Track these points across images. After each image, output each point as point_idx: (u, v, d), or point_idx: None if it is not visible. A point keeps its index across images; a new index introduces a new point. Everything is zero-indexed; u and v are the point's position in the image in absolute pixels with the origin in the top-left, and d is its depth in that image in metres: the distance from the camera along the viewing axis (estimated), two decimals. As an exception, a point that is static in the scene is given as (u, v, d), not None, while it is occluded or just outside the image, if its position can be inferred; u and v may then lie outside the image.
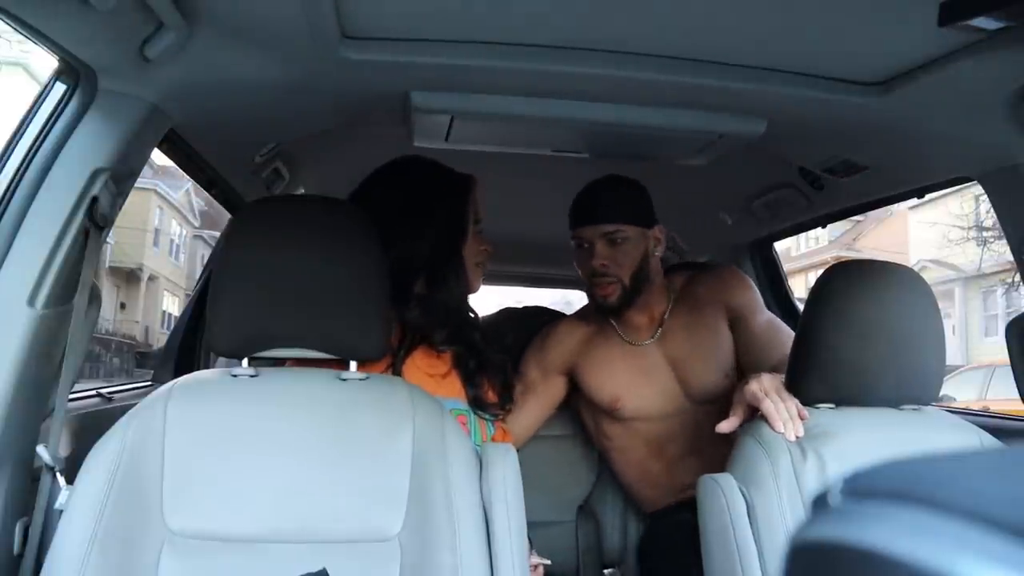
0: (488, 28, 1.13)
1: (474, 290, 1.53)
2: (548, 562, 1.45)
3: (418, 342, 1.43)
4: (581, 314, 1.81)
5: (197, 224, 24.34)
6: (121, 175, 1.14)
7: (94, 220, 1.10)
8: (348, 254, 1.14)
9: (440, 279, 1.45)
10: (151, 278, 22.31)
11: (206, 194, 1.84)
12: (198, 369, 1.75)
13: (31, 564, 1.03)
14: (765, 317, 1.73)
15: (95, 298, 1.16)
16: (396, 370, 1.38)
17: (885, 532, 0.25)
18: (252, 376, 1.12)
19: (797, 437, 1.20)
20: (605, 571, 1.95)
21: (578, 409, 1.85)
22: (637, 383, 1.70)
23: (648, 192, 1.69)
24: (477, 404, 1.46)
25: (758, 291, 1.79)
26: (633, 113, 1.35)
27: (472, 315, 1.53)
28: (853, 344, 1.23)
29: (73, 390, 1.18)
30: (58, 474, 1.05)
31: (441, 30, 1.14)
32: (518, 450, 1.44)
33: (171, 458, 1.03)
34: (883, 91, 1.24)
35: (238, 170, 1.69)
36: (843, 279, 1.28)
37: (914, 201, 1.82)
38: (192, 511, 1.03)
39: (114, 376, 15.55)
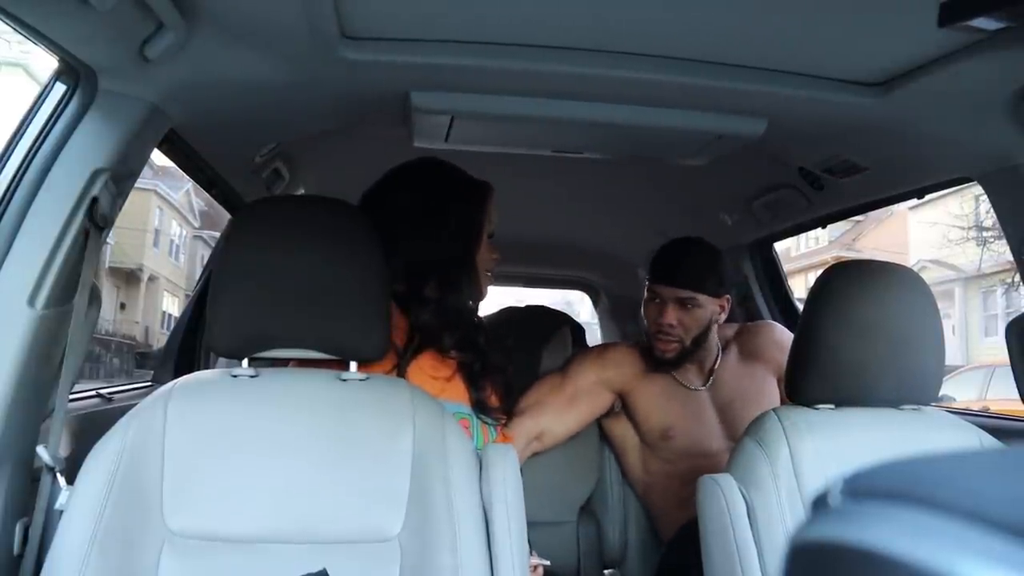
0: (488, 28, 1.13)
1: (482, 297, 1.53)
2: (547, 563, 1.44)
3: (426, 345, 1.42)
4: (638, 347, 1.88)
5: (197, 224, 24.32)
6: (121, 175, 1.14)
7: (94, 220, 1.10)
8: (348, 254, 1.14)
9: (454, 283, 1.44)
10: (151, 278, 22.29)
11: (206, 194, 1.84)
12: (198, 369, 1.75)
13: (31, 564, 1.03)
14: None
15: (95, 298, 1.16)
16: (401, 371, 1.37)
17: (885, 532, 0.25)
18: (252, 376, 1.12)
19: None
20: (606, 572, 1.95)
21: (610, 443, 1.89)
22: (688, 421, 1.79)
23: (725, 261, 1.82)
24: (480, 408, 1.45)
25: None
26: (633, 113, 1.35)
27: (478, 319, 1.54)
28: (853, 344, 1.23)
29: (73, 390, 1.18)
30: (58, 474, 1.05)
31: (441, 30, 1.14)
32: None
33: (171, 458, 1.03)
34: (883, 91, 1.24)
35: (238, 170, 1.69)
36: (843, 279, 1.28)
37: (914, 201, 1.82)
38: (192, 511, 1.03)
39: (114, 376, 15.53)
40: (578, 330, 2.07)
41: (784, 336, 1.91)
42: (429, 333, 1.41)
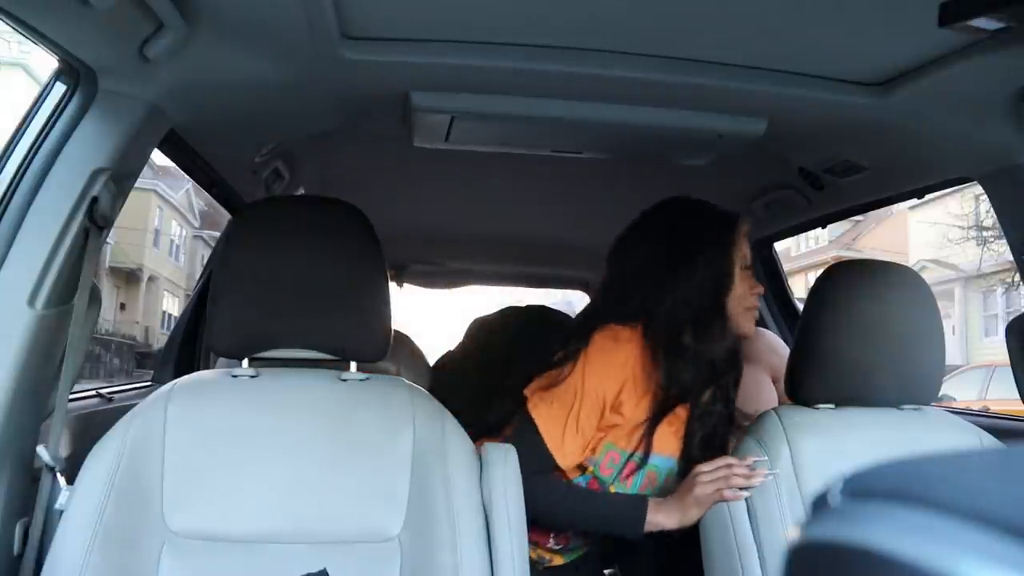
0: (488, 28, 1.13)
1: (748, 334, 1.44)
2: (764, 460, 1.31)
3: (677, 400, 1.38)
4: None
5: (197, 224, 24.32)
6: (121, 175, 1.14)
7: (94, 220, 1.10)
8: (348, 254, 1.14)
9: (705, 332, 1.38)
10: (151, 279, 22.29)
11: (206, 194, 1.84)
12: (198, 369, 1.75)
13: (31, 564, 1.03)
14: None
15: (95, 298, 1.16)
16: (652, 428, 1.35)
17: (885, 532, 0.25)
18: (252, 376, 1.12)
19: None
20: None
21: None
22: None
23: None
24: (683, 465, 1.41)
25: None
26: (633, 113, 1.35)
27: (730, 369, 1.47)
28: (853, 344, 1.23)
29: (73, 390, 1.18)
30: (58, 474, 1.05)
31: (441, 30, 1.14)
32: None
33: (171, 458, 1.03)
34: (883, 91, 1.24)
35: (238, 170, 1.69)
36: (843, 279, 1.28)
37: (914, 201, 1.82)
38: (192, 511, 1.03)
39: (114, 376, 15.54)
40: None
41: (775, 340, 1.94)
42: (683, 388, 1.37)
